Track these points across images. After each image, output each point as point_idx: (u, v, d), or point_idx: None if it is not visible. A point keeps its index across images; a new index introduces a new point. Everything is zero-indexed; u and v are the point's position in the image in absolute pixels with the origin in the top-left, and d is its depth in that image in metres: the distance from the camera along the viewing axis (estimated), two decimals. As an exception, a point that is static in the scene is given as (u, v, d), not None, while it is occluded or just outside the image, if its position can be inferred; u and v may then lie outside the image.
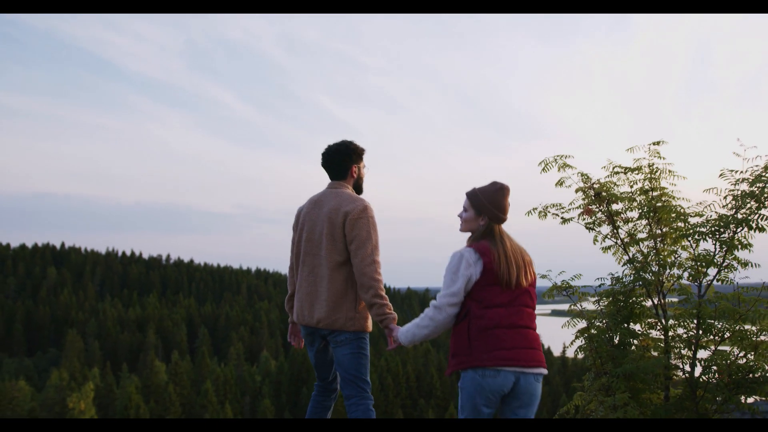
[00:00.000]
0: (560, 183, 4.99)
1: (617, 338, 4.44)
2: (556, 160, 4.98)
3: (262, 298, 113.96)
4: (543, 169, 4.97)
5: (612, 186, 4.71)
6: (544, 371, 3.33)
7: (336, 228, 3.88)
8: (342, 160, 4.07)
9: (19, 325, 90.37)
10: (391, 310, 3.88)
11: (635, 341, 4.52)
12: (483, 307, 3.28)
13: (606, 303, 4.65)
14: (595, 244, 5.34)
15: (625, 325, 4.48)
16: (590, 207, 4.73)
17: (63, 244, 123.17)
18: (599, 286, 4.75)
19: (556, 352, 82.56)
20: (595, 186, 4.69)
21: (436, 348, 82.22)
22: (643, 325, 4.57)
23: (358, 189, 4.23)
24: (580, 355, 5.24)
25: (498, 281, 3.27)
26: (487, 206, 3.43)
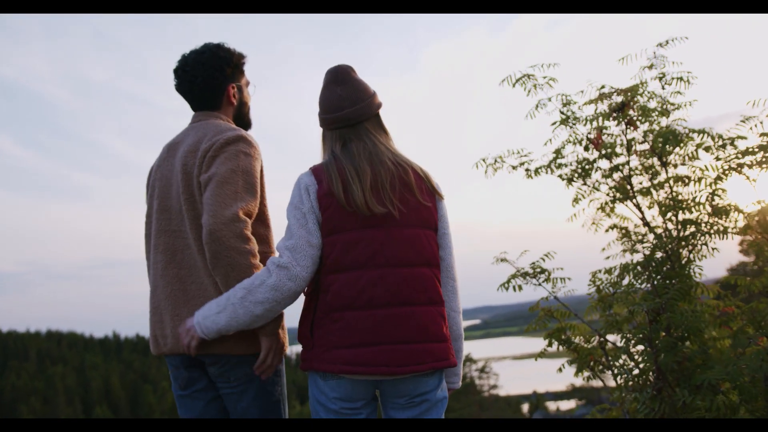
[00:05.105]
0: (540, 107, 3.26)
1: (664, 331, 2.78)
2: (528, 76, 3.27)
3: (55, 363, 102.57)
4: (513, 85, 3.23)
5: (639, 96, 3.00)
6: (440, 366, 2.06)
7: (192, 178, 2.25)
8: (210, 76, 2.41)
9: None
10: None
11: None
12: (330, 270, 2.06)
13: (637, 278, 2.98)
14: (575, 205, 3.70)
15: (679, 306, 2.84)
16: (601, 134, 3.03)
17: None
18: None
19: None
20: (617, 96, 2.95)
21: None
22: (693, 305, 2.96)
23: (243, 123, 2.56)
24: (575, 371, 3.54)
25: (344, 221, 2.03)
26: (319, 114, 2.25)
